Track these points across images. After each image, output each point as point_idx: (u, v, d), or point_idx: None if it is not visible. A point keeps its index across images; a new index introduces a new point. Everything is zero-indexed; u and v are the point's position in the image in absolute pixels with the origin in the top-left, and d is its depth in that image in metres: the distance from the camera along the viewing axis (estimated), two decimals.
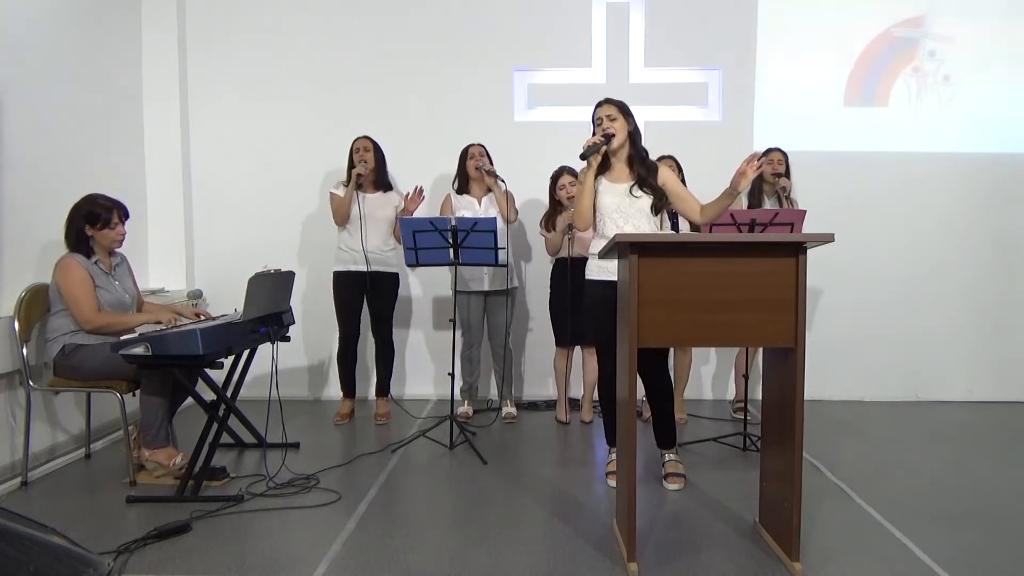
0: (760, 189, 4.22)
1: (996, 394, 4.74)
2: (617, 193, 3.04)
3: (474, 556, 2.46)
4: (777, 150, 4.24)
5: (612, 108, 3.04)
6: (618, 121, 3.01)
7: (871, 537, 2.63)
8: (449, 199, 4.22)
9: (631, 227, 3.00)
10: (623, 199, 3.03)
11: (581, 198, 3.02)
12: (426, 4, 4.70)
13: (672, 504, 2.96)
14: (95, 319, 3.13)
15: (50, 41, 3.67)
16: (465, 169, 4.18)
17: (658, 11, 4.68)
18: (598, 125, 3.03)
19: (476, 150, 4.16)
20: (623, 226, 3.00)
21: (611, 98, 3.09)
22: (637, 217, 3.02)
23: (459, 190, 4.22)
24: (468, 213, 4.10)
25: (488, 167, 4.06)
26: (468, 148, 4.18)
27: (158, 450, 3.17)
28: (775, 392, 2.50)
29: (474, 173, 4.12)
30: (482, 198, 4.18)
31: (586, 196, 3.01)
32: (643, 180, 3.03)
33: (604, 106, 3.06)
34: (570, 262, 4.05)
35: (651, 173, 3.05)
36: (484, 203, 4.17)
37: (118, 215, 3.25)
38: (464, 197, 4.20)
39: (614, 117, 3.02)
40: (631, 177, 3.06)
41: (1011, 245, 4.74)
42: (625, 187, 3.04)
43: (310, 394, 4.87)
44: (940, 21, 4.68)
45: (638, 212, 3.03)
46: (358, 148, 4.10)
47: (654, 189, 3.03)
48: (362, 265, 4.06)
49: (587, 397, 4.31)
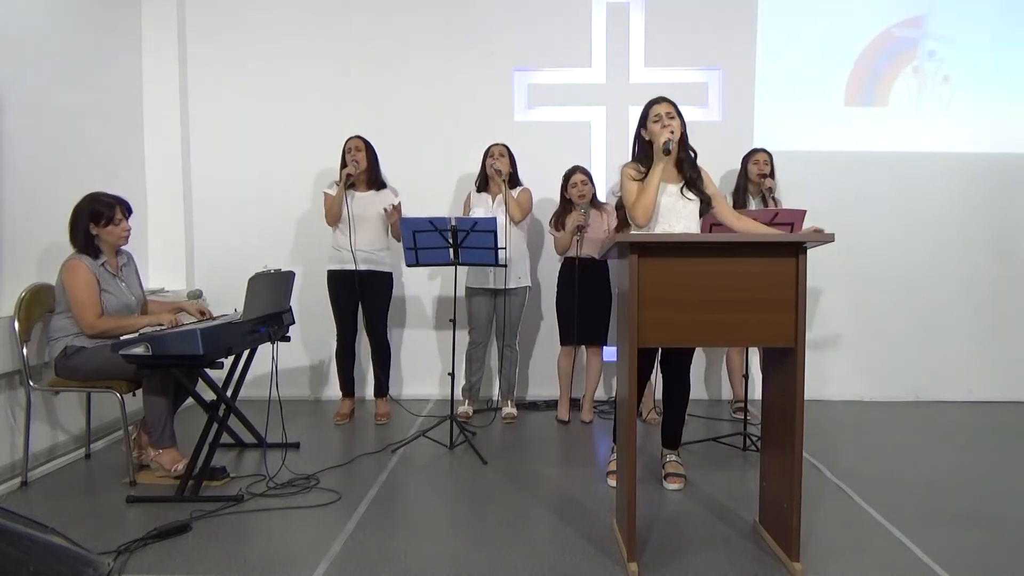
0: (745, 188, 4.24)
1: (996, 394, 4.74)
2: (670, 194, 2.97)
3: (474, 556, 2.46)
4: (762, 151, 4.26)
5: (671, 107, 2.96)
6: (675, 120, 2.93)
7: (871, 537, 2.63)
8: (469, 197, 4.28)
9: (682, 228, 2.94)
10: (676, 200, 2.97)
11: (647, 192, 2.89)
12: (426, 4, 4.69)
13: (672, 504, 2.96)
14: (97, 324, 3.13)
15: (50, 41, 3.67)
16: (484, 168, 4.21)
17: (658, 11, 4.68)
18: (656, 122, 2.92)
19: (496, 149, 4.17)
20: (675, 226, 2.94)
21: (666, 97, 3.00)
22: (688, 219, 2.97)
23: (479, 188, 4.26)
24: (481, 211, 4.13)
25: (498, 167, 4.07)
26: (490, 147, 4.20)
27: (164, 451, 3.17)
28: (775, 392, 2.50)
29: (491, 172, 4.14)
30: (496, 196, 4.20)
31: (652, 191, 2.90)
32: (692, 182, 2.98)
33: (663, 103, 2.96)
34: (579, 262, 4.05)
35: (699, 177, 3.01)
36: (497, 201, 4.18)
37: (121, 211, 3.25)
38: (481, 195, 4.24)
39: (673, 116, 2.94)
40: (680, 179, 3.00)
41: (1011, 245, 4.74)
42: (676, 188, 2.99)
43: (310, 394, 4.86)
44: (940, 21, 4.68)
45: (689, 214, 2.97)
46: (350, 148, 4.10)
47: (701, 193, 2.98)
48: (351, 264, 4.06)
49: (588, 397, 4.31)
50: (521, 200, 4.15)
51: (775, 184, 4.13)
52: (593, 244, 4.08)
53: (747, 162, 4.26)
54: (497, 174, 4.06)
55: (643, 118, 3.00)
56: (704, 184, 3.00)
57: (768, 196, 4.09)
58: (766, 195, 4.10)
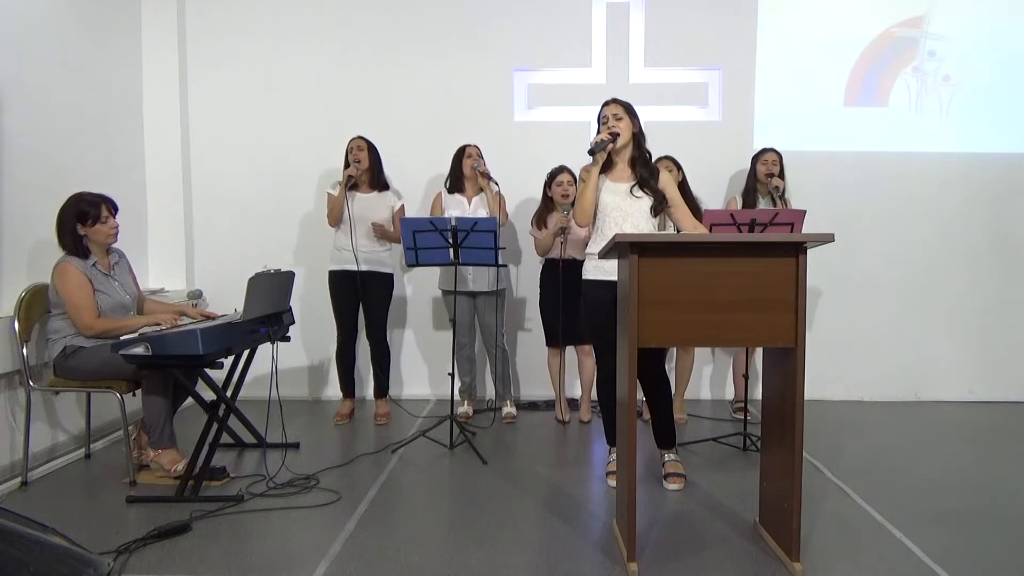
0: (755, 189, 4.22)
1: (996, 394, 4.74)
2: (618, 192, 3.05)
3: (474, 556, 2.46)
4: (772, 151, 4.24)
5: (619, 108, 3.05)
6: (624, 121, 3.03)
7: (871, 537, 2.63)
8: (440, 198, 4.22)
9: (630, 226, 3.01)
10: (624, 198, 3.04)
11: (584, 194, 3.03)
12: (426, 4, 4.70)
13: (672, 504, 2.96)
14: (95, 325, 3.12)
15: (50, 41, 3.67)
16: (460, 168, 4.17)
17: (658, 11, 4.68)
18: (603, 124, 3.04)
19: (473, 150, 4.16)
20: (622, 225, 3.01)
21: (618, 98, 3.10)
22: (636, 217, 3.04)
23: (451, 189, 4.22)
24: (457, 212, 4.10)
25: (483, 168, 4.06)
26: (464, 147, 4.18)
27: (164, 451, 3.17)
28: (775, 392, 2.50)
29: (469, 172, 4.12)
30: (472, 198, 4.17)
31: (589, 192, 3.02)
32: (644, 181, 3.05)
33: (611, 105, 3.07)
34: (562, 264, 4.04)
35: (653, 176, 3.07)
36: (474, 203, 4.16)
37: (107, 209, 3.22)
38: (454, 196, 4.20)
39: (620, 117, 3.03)
40: (632, 177, 3.08)
41: (1011, 245, 4.74)
42: (626, 187, 3.06)
43: (310, 394, 4.87)
44: (940, 21, 4.68)
45: (638, 212, 3.04)
46: (352, 148, 4.10)
47: (654, 191, 3.05)
48: (353, 265, 4.06)
49: (585, 397, 4.31)
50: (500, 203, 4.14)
51: (783, 184, 4.11)
52: (576, 246, 4.06)
53: (756, 162, 4.25)
54: (483, 175, 4.05)
55: (597, 120, 3.09)
56: (660, 183, 3.06)
57: (776, 196, 4.07)
58: (774, 195, 4.09)
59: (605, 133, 3.00)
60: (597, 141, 2.97)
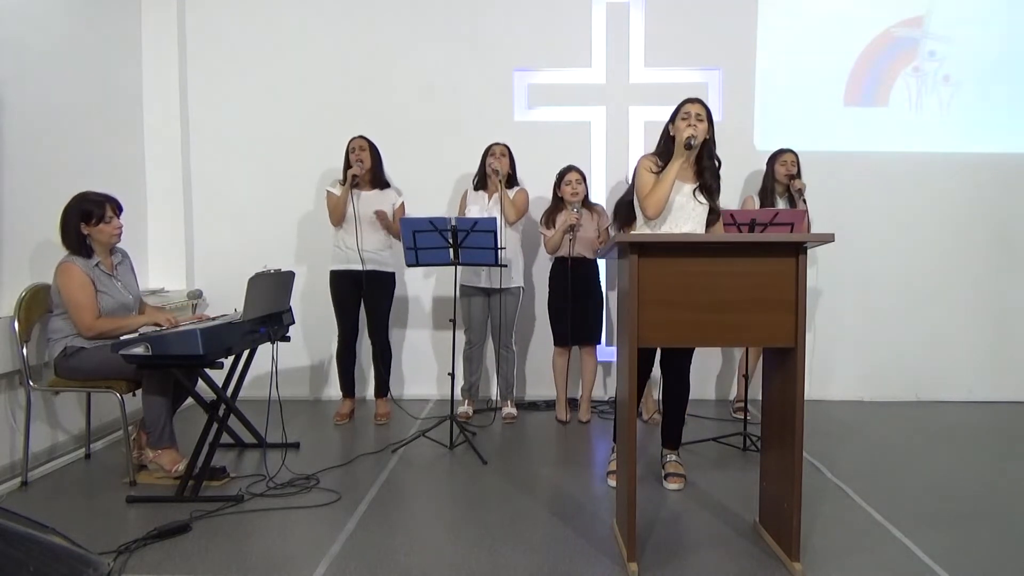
0: (772, 190, 4.22)
1: (996, 394, 4.74)
2: (683, 192, 3.00)
3: (474, 556, 2.46)
4: (789, 151, 4.24)
5: (702, 108, 2.98)
6: (703, 124, 2.95)
7: (871, 537, 2.63)
8: (466, 194, 4.28)
9: (689, 228, 2.98)
10: (687, 200, 3.00)
11: (662, 185, 2.92)
12: (426, 4, 4.69)
13: (672, 504, 2.96)
14: (95, 326, 3.12)
15: (50, 40, 3.67)
16: (484, 166, 4.20)
17: (658, 11, 4.68)
18: (684, 119, 2.94)
19: (498, 149, 4.18)
20: (682, 226, 2.97)
21: (702, 99, 3.02)
22: (695, 221, 3.00)
23: (477, 186, 4.26)
24: (476, 209, 4.14)
25: (496, 167, 4.06)
26: (491, 146, 4.21)
27: (163, 452, 3.17)
28: (775, 392, 2.50)
29: (488, 171, 4.14)
30: (493, 195, 4.19)
31: (667, 184, 2.92)
32: (707, 187, 3.01)
33: (696, 104, 2.98)
34: (570, 262, 4.05)
35: (719, 188, 3.04)
36: (492, 201, 4.18)
37: (111, 208, 3.22)
38: (478, 193, 4.24)
39: (702, 118, 2.96)
40: (695, 180, 3.03)
41: (1011, 245, 4.74)
42: (690, 188, 3.01)
43: (310, 394, 4.86)
44: (940, 21, 4.67)
45: (698, 217, 3.00)
46: (354, 148, 4.10)
47: (712, 200, 3.03)
48: (357, 264, 4.06)
49: (585, 397, 4.31)
50: (517, 201, 4.15)
51: (805, 185, 4.12)
52: (584, 244, 4.07)
53: (774, 163, 4.24)
54: (495, 174, 4.06)
55: (673, 114, 3.03)
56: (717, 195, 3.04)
57: (798, 197, 4.09)
58: (795, 196, 4.10)
59: (693, 130, 2.90)
60: (692, 135, 2.87)
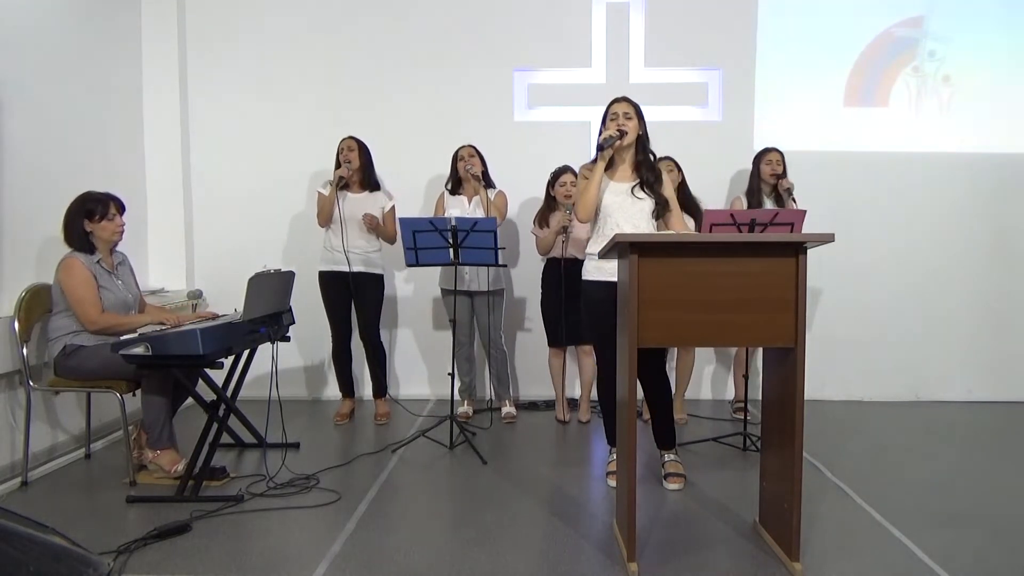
0: (759, 189, 4.22)
1: (996, 394, 4.74)
2: (619, 192, 3.05)
3: (474, 556, 2.46)
4: (774, 150, 4.24)
5: (628, 106, 3.04)
6: (632, 121, 3.01)
7: (871, 537, 2.63)
8: (442, 199, 4.25)
9: (631, 227, 3.00)
10: (625, 198, 3.04)
11: (588, 189, 3.00)
12: (426, 4, 4.69)
13: (672, 504, 2.96)
14: (99, 320, 3.13)
15: (50, 40, 3.67)
16: (456, 171, 4.19)
17: (658, 11, 4.68)
18: (612, 120, 3.01)
19: (465, 151, 4.17)
20: (623, 225, 3.00)
21: (628, 97, 3.08)
22: (637, 217, 3.03)
23: (452, 191, 4.25)
24: (457, 212, 4.12)
25: (473, 170, 4.06)
26: (458, 150, 4.20)
27: (162, 452, 3.17)
28: (775, 392, 2.50)
29: (463, 174, 4.13)
30: (472, 198, 4.18)
31: (593, 188, 2.99)
32: (647, 183, 3.04)
33: (621, 103, 3.05)
34: (563, 263, 4.04)
35: (657, 179, 3.07)
36: (474, 203, 4.17)
37: (115, 207, 3.25)
38: (455, 197, 4.23)
39: (630, 116, 3.01)
40: (634, 178, 3.07)
41: (1011, 245, 4.74)
42: (628, 187, 3.05)
43: (310, 394, 4.86)
44: (940, 21, 4.68)
45: (639, 213, 3.04)
46: (343, 148, 4.10)
47: (657, 194, 3.05)
48: (344, 265, 4.05)
49: (584, 397, 4.31)
50: (497, 203, 4.15)
51: (792, 183, 4.12)
52: (577, 245, 4.07)
53: (759, 162, 4.24)
54: (474, 177, 4.06)
55: (603, 116, 3.07)
56: (662, 187, 3.07)
57: (786, 196, 4.09)
58: (783, 195, 4.10)
59: (614, 129, 2.97)
60: (606, 136, 2.94)
